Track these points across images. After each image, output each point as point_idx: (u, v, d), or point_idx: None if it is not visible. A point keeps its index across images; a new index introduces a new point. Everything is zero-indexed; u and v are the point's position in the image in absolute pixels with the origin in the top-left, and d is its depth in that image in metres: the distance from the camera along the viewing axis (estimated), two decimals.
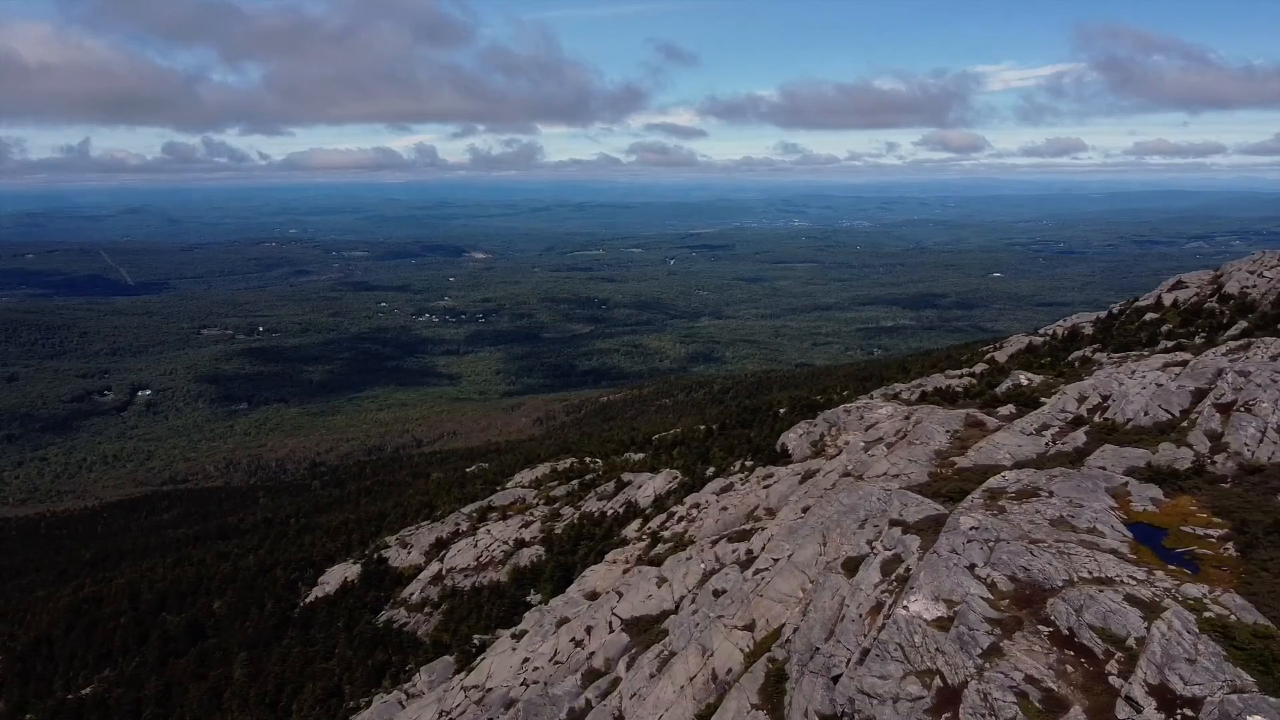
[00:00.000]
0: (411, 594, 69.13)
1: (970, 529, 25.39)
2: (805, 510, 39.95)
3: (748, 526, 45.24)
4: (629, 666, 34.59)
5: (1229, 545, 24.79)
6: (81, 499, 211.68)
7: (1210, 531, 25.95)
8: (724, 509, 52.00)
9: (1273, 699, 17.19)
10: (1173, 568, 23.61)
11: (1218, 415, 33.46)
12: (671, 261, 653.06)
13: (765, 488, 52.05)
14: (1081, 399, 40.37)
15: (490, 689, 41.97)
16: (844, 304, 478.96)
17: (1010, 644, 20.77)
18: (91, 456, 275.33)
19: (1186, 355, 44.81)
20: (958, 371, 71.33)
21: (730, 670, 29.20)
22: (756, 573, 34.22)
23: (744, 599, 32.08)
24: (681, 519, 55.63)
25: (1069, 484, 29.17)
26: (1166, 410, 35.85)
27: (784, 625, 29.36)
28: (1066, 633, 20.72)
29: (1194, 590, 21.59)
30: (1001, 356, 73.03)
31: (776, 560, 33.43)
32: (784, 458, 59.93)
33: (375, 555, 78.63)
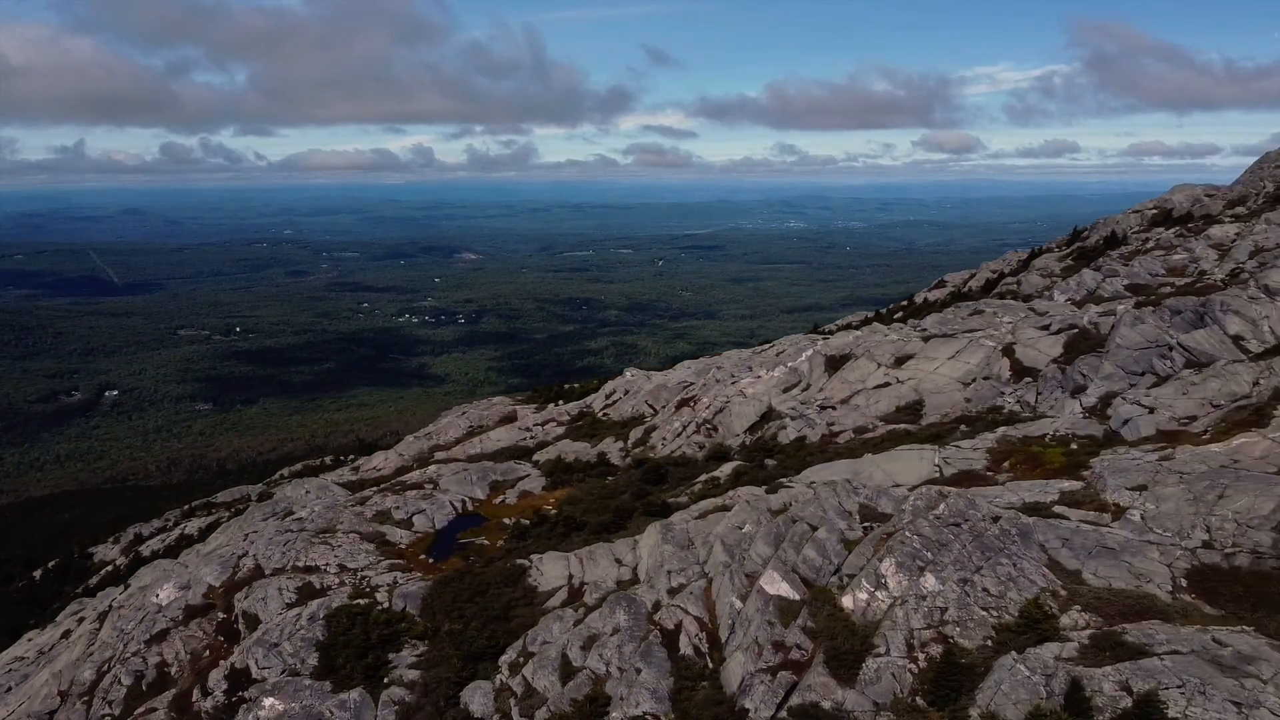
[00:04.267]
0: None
1: None
2: None
3: None
4: None
5: None
6: (5, 497, 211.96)
7: None
8: None
9: None
10: None
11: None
12: (660, 262, 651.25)
13: None
14: None
15: None
16: (828, 304, 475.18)
17: None
18: (45, 456, 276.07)
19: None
20: None
21: None
22: None
23: None
24: None
25: None
26: None
27: None
28: None
29: None
30: None
31: None
32: None
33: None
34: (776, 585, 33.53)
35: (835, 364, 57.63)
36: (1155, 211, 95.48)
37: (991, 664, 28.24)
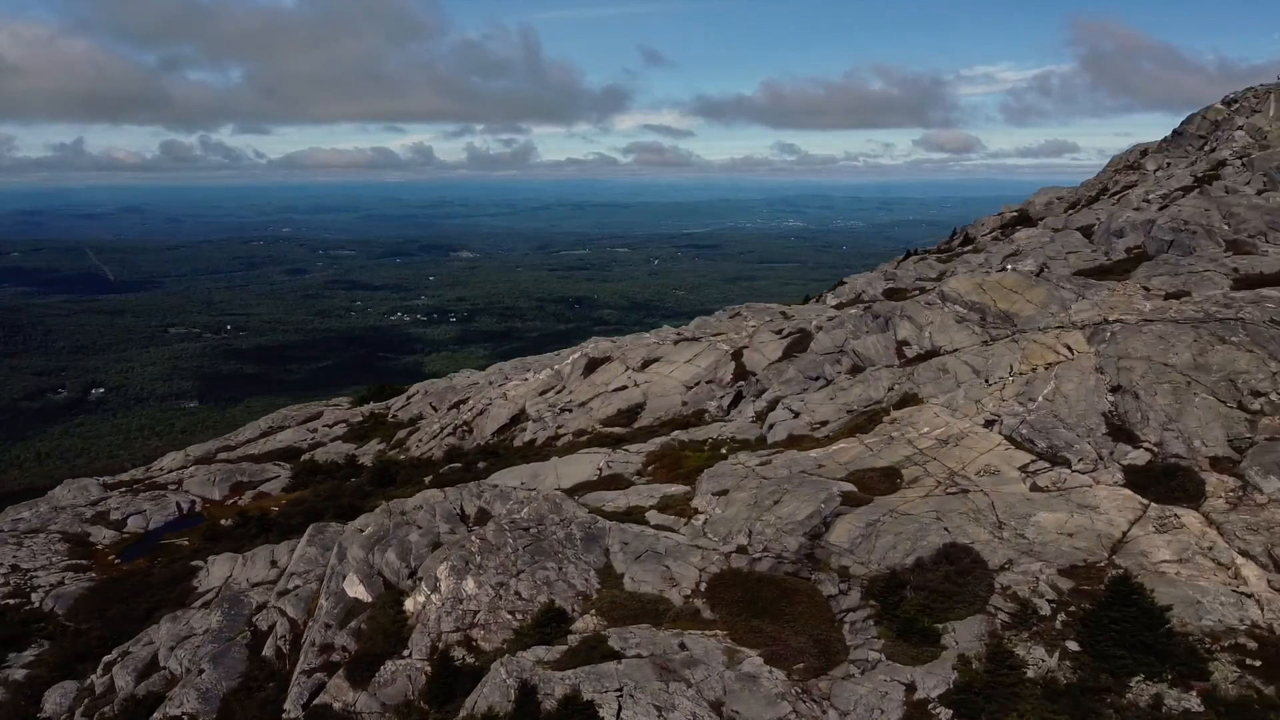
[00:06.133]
0: None
1: None
2: None
3: None
4: None
5: None
6: None
7: None
8: None
9: None
10: None
11: None
12: (655, 261, 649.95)
13: None
14: None
15: None
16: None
17: None
18: (26, 454, 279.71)
19: None
20: None
21: None
22: None
23: None
24: None
25: None
26: None
27: None
28: None
29: None
30: None
31: None
32: None
33: None
34: (355, 588, 35.96)
35: (593, 367, 60.00)
36: (1015, 214, 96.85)
37: (490, 667, 30.60)
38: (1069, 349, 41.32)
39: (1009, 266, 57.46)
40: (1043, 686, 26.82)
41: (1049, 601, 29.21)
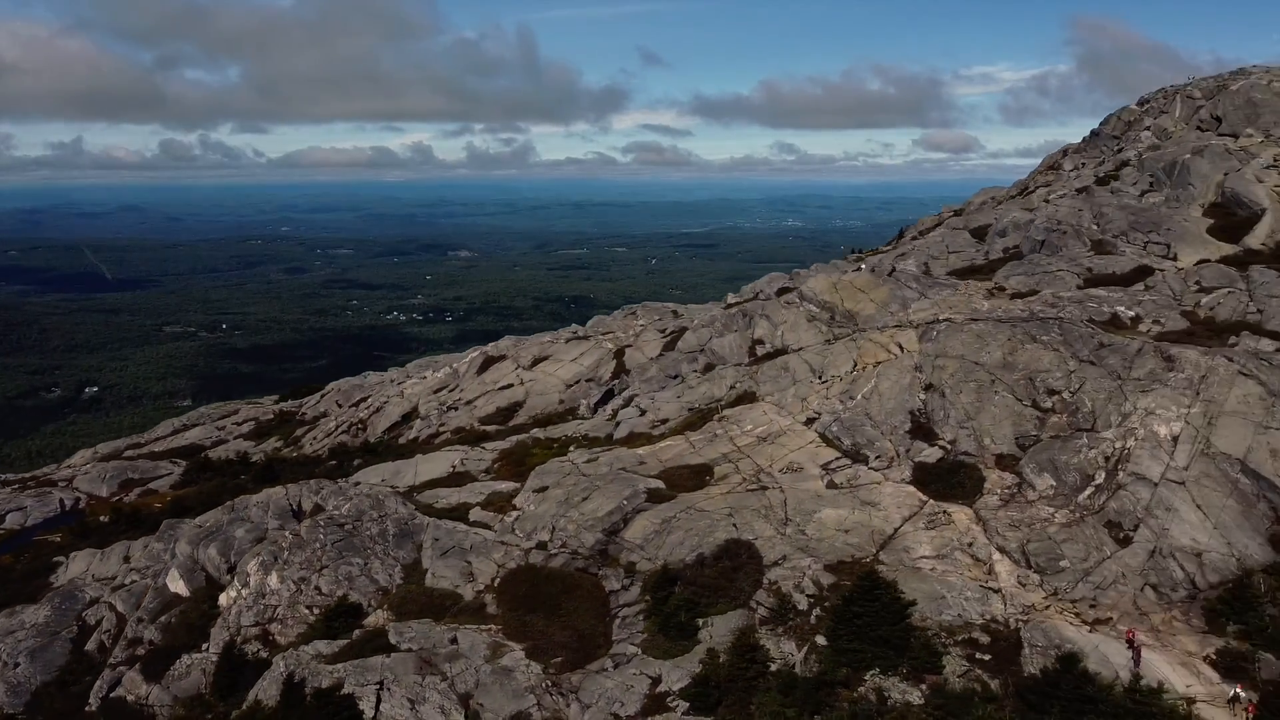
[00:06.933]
0: None
1: None
2: None
3: None
4: None
5: None
6: None
7: None
8: None
9: None
10: None
11: None
12: (653, 260, 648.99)
13: None
14: None
15: None
16: None
17: None
18: (17, 453, 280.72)
19: None
20: None
21: None
22: None
23: None
24: None
25: None
26: None
27: None
28: None
29: None
30: None
31: None
32: None
33: None
34: (176, 583, 37.11)
35: (488, 365, 61.09)
36: (953, 213, 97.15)
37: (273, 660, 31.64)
38: (900, 347, 42.28)
39: (862, 266, 58.38)
40: (783, 680, 27.85)
41: (808, 597, 30.27)
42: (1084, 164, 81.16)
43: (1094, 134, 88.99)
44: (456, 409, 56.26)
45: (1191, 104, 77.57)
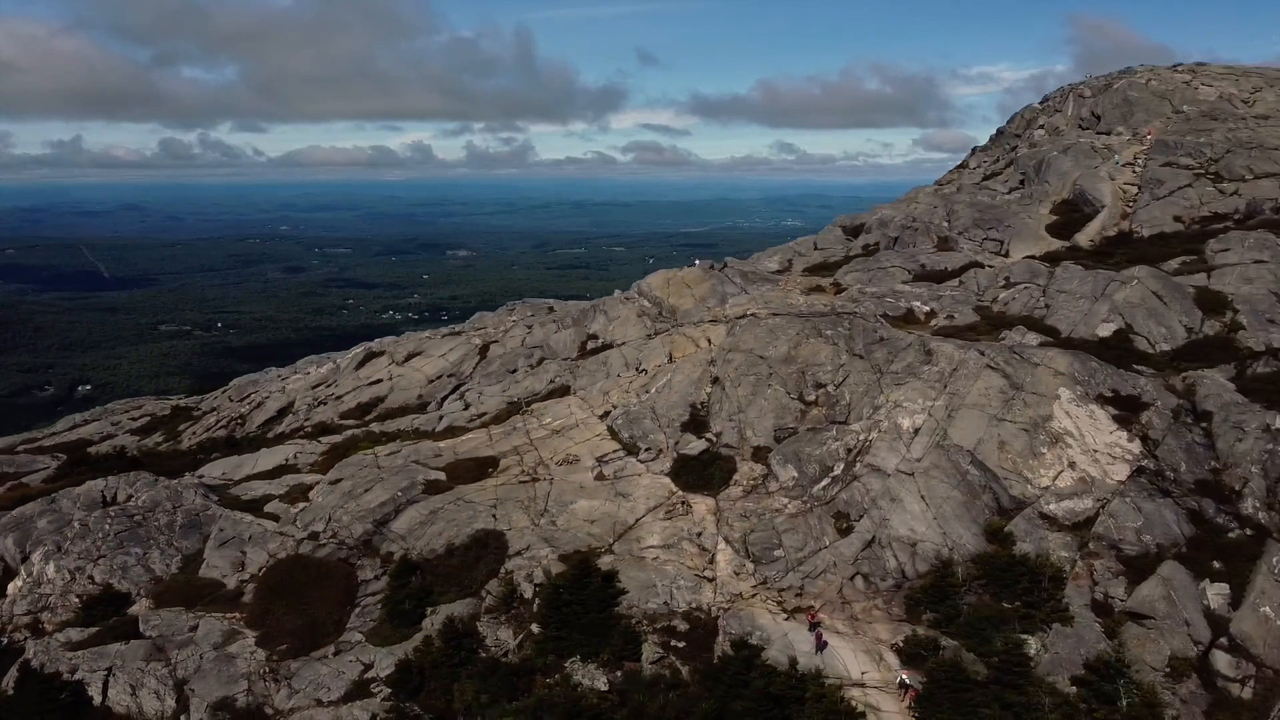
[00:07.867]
0: None
1: None
2: None
3: None
4: None
5: None
6: None
7: None
8: None
9: None
10: None
11: None
12: (651, 260, 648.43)
13: None
14: None
15: None
16: None
17: None
18: None
19: None
20: None
21: None
22: None
23: None
24: None
25: None
26: None
27: None
28: None
29: None
30: None
31: None
32: None
33: None
34: None
35: (367, 360, 62.26)
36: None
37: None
38: (709, 341, 43.35)
39: (697, 261, 59.37)
40: (484, 666, 28.96)
41: (535, 585, 31.33)
42: (985, 162, 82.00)
43: (999, 132, 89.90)
44: (325, 404, 57.53)
45: (1082, 102, 78.34)
